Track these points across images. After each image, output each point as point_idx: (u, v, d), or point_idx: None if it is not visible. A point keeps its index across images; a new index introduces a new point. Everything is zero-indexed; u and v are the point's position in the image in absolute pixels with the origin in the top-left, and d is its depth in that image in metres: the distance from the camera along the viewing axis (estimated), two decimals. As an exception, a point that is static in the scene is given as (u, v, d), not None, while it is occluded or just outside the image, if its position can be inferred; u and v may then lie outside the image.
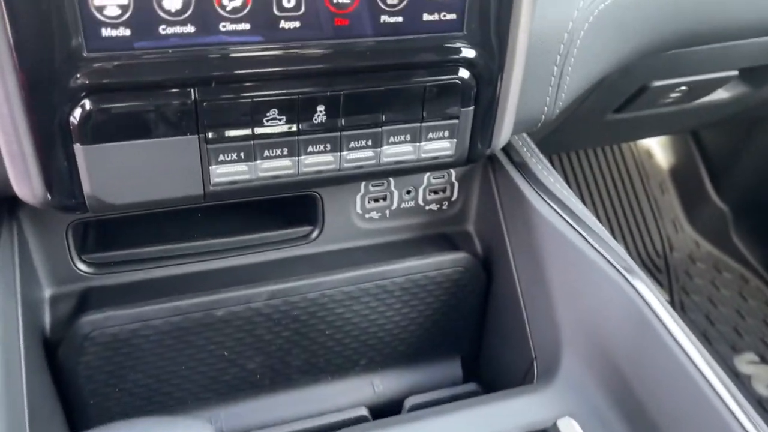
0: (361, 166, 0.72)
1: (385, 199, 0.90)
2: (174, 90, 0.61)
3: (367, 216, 0.90)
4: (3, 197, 0.70)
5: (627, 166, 2.13)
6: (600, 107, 1.09)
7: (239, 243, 0.86)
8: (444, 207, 0.94)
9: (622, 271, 0.73)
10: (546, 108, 0.81)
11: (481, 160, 0.83)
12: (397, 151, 0.72)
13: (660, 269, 2.06)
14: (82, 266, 0.80)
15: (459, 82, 0.70)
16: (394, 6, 0.65)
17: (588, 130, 1.22)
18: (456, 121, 0.72)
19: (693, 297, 1.95)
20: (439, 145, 0.73)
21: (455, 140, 0.74)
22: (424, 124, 0.71)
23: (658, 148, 2.18)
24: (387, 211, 0.91)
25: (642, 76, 1.01)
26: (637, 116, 1.16)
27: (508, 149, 0.90)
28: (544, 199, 0.83)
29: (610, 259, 0.74)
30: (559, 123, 1.10)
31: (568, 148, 1.84)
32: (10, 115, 0.58)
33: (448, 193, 0.93)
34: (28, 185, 0.62)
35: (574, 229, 0.78)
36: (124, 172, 0.63)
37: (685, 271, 2.03)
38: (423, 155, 0.73)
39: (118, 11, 0.57)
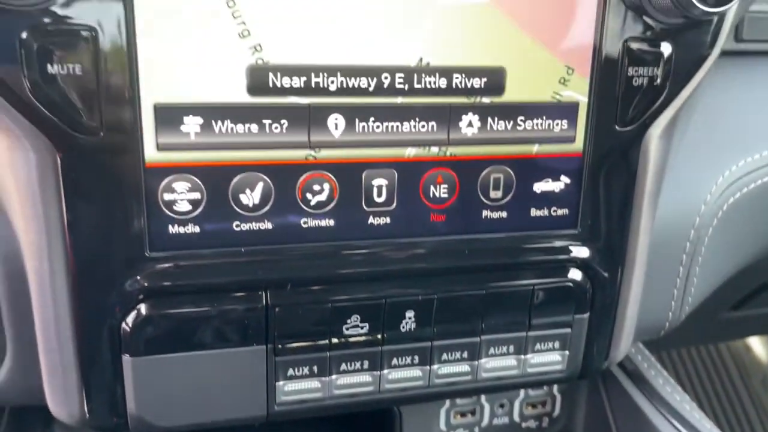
0: (454, 383, 0.60)
1: (473, 413, 0.76)
2: (244, 293, 0.53)
3: (452, 433, 0.76)
4: (36, 406, 0.60)
5: (723, 361, 1.91)
6: (715, 305, 0.95)
7: None
8: (544, 425, 0.79)
9: None
10: (671, 313, 0.69)
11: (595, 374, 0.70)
12: (498, 365, 0.60)
13: (774, 484, 1.76)
14: None
15: (571, 284, 0.60)
16: (497, 200, 0.56)
17: (698, 329, 1.08)
18: (568, 330, 0.61)
19: None
20: (548, 359, 0.61)
21: (567, 353, 0.62)
22: (530, 333, 0.60)
23: (755, 341, 1.97)
24: (476, 429, 0.77)
25: (766, 271, 0.89)
26: (754, 314, 1.02)
27: (618, 356, 0.77)
28: (670, 422, 0.68)
29: None
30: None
31: (668, 347, 1.66)
32: (54, 318, 0.51)
33: (548, 407, 0.79)
34: (63, 401, 0.53)
35: None
36: (175, 390, 0.53)
37: (804, 488, 1.73)
38: (528, 370, 0.61)
39: (189, 207, 0.50)
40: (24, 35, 0.43)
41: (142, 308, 0.51)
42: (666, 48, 0.55)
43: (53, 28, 0.44)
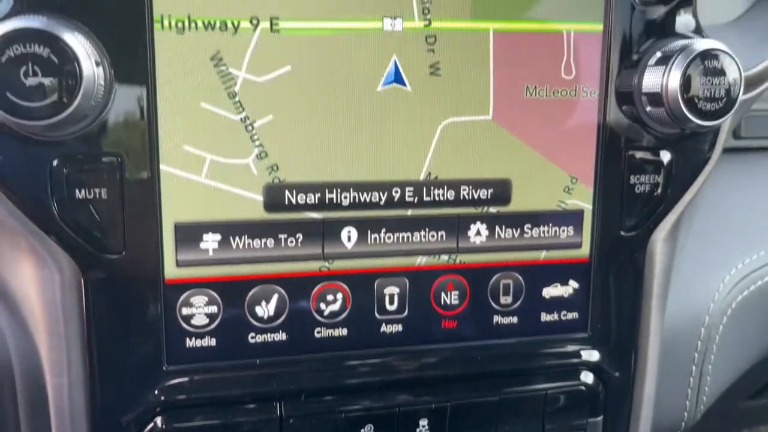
0: (469, 492, 0.59)
1: None
2: (258, 405, 0.53)
3: None
4: None
5: (746, 442, 1.85)
6: (733, 396, 0.94)
7: None
8: None
9: None
10: (686, 412, 0.68)
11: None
12: (514, 473, 0.60)
13: None
14: None
15: (583, 388, 0.60)
16: (507, 306, 0.57)
17: (717, 420, 1.05)
18: (583, 434, 0.61)
19: None
20: (564, 464, 0.61)
21: (582, 457, 0.61)
22: (545, 438, 0.60)
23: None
24: None
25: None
26: (774, 402, 1.00)
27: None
28: None
29: None
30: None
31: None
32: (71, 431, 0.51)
33: None
34: None
35: None
36: (189, 505, 0.53)
37: None
38: (544, 476, 0.60)
39: (206, 320, 0.51)
40: (55, 163, 0.46)
41: (159, 421, 0.51)
42: (666, 156, 0.57)
43: (82, 156, 0.46)
